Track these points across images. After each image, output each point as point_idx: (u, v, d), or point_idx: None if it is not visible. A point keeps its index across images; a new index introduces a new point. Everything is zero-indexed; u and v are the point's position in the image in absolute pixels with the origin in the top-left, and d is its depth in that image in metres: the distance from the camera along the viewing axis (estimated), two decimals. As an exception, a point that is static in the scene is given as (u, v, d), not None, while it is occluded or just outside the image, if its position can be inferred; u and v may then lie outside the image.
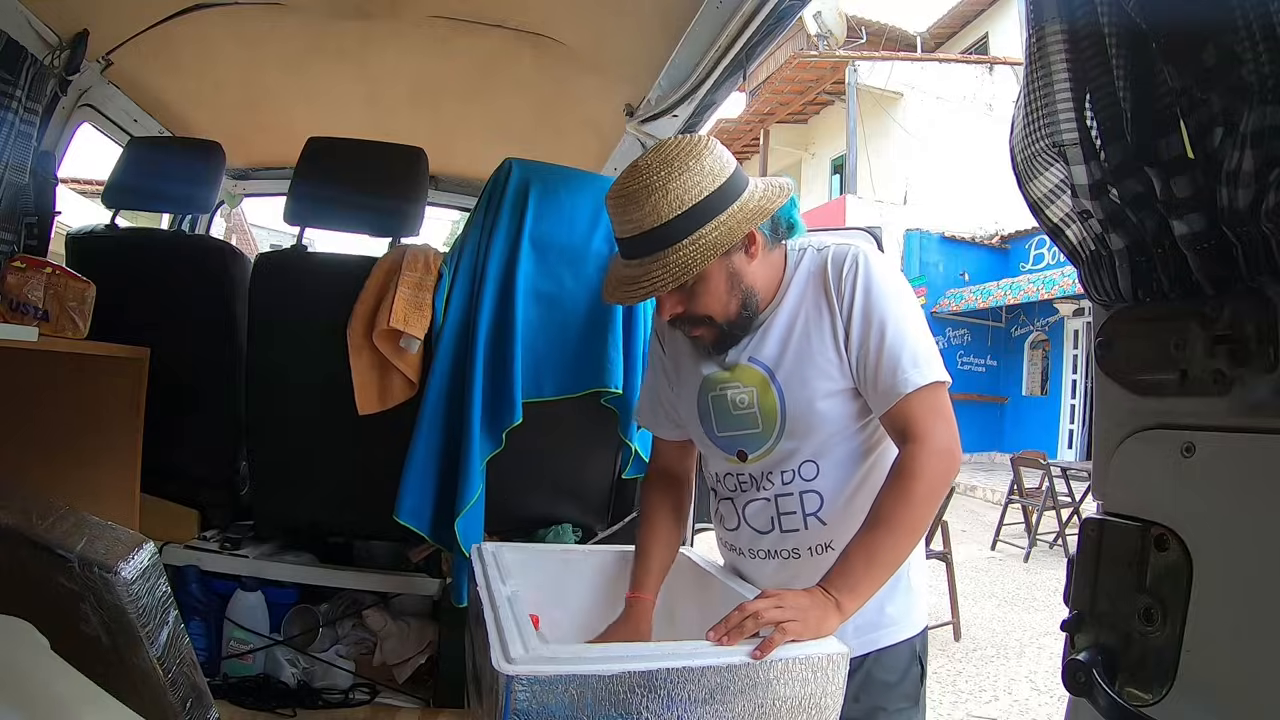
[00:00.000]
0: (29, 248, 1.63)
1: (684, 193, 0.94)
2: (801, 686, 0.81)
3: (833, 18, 11.50)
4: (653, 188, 0.94)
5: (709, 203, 0.95)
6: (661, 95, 1.76)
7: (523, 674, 0.72)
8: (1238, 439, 0.48)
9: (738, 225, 0.96)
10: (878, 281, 0.99)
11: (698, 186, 0.94)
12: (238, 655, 1.73)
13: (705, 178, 0.95)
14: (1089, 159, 0.51)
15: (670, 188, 0.94)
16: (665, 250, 0.95)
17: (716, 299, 1.01)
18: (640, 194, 0.95)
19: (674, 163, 0.95)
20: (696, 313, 1.02)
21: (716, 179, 0.96)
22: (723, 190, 0.96)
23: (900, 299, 0.99)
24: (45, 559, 0.78)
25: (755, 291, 1.03)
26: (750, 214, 0.97)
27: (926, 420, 0.96)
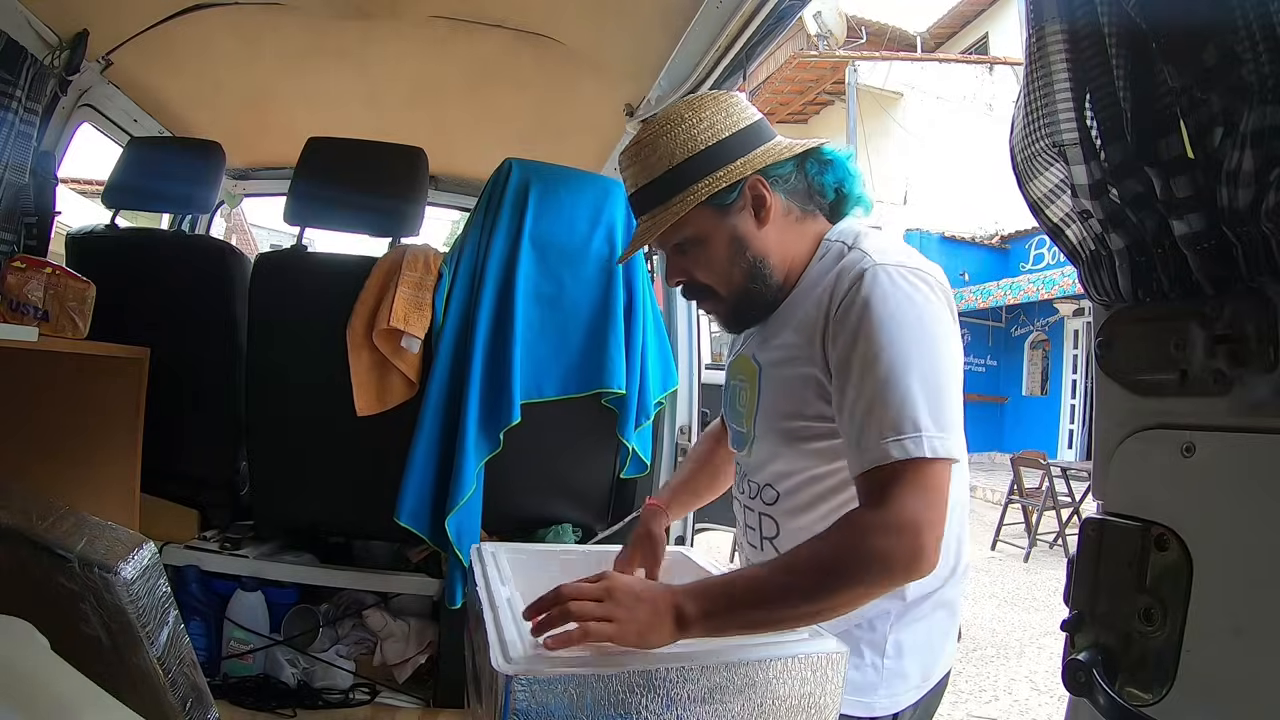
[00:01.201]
0: (29, 248, 1.63)
1: (676, 147, 0.88)
2: (800, 686, 0.81)
3: (833, 18, 11.50)
4: (649, 142, 0.89)
5: (704, 156, 0.87)
6: (661, 95, 1.76)
7: (522, 674, 0.72)
8: (1238, 439, 0.48)
9: (730, 174, 0.87)
10: (882, 317, 0.78)
11: (692, 140, 0.87)
12: (238, 655, 1.73)
13: (703, 131, 0.88)
14: (1089, 159, 0.51)
15: (662, 141, 0.88)
16: (657, 207, 0.89)
17: (716, 264, 0.91)
18: (637, 152, 0.90)
19: (673, 116, 0.89)
20: (697, 280, 0.93)
21: (717, 133, 0.88)
22: (724, 144, 0.88)
23: (908, 342, 0.77)
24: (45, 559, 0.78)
25: (767, 262, 0.90)
26: (746, 166, 0.88)
27: (900, 493, 0.73)
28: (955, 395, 0.78)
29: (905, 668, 0.90)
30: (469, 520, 1.63)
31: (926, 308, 0.80)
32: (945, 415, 0.76)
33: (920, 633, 0.91)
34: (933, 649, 0.93)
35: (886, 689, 0.90)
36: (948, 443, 0.75)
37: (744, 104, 0.92)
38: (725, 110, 0.90)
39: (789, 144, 0.92)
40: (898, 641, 0.90)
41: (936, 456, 0.74)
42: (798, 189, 0.92)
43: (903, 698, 0.90)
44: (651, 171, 0.89)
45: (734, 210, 0.89)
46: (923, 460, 0.74)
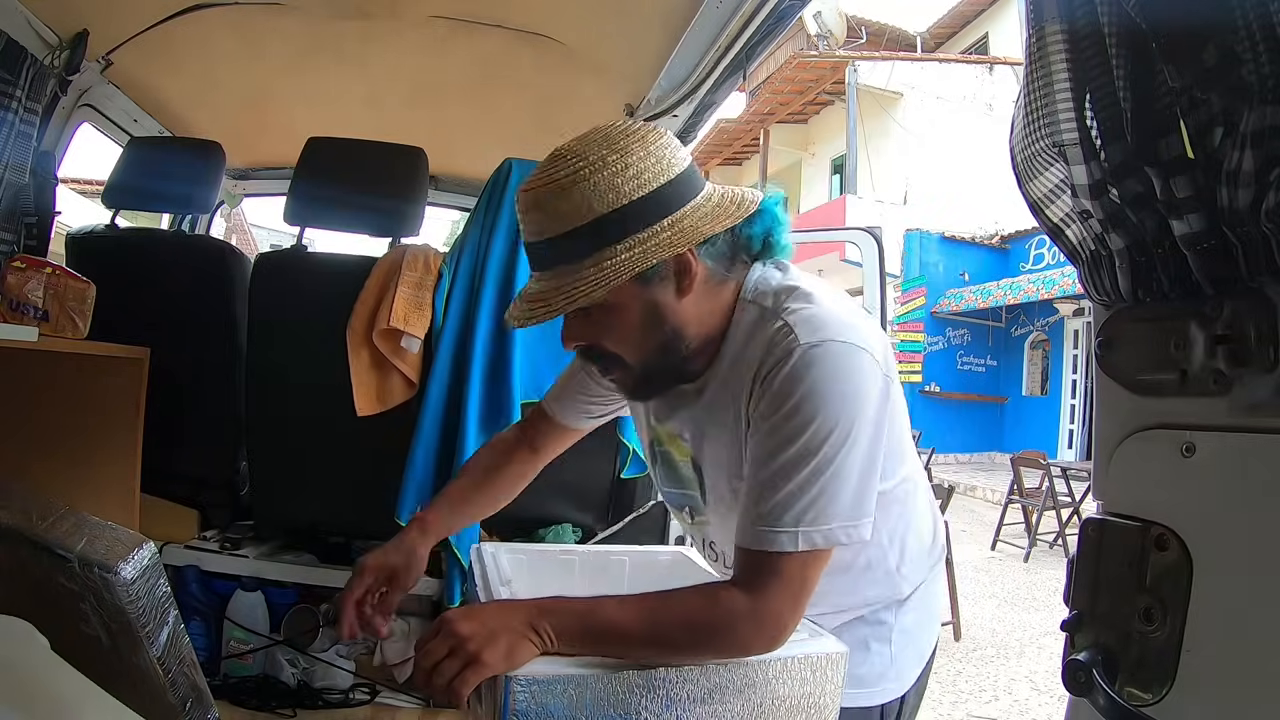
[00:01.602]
0: (29, 248, 1.63)
1: (595, 198, 0.73)
2: (800, 686, 0.81)
3: (833, 18, 11.51)
4: (560, 186, 0.74)
5: (627, 213, 0.74)
6: (661, 95, 1.76)
7: (522, 674, 0.72)
8: (1238, 439, 0.48)
9: (660, 246, 0.75)
10: (802, 404, 0.73)
11: (615, 191, 0.73)
12: (238, 655, 1.73)
13: (628, 181, 0.74)
14: (1089, 159, 0.51)
15: (579, 188, 0.73)
16: (566, 266, 0.76)
17: (627, 336, 0.80)
18: (545, 194, 0.75)
19: (591, 155, 0.74)
20: (603, 348, 0.81)
21: (644, 184, 0.74)
22: (652, 199, 0.75)
23: (824, 431, 0.73)
24: (45, 559, 0.78)
25: (684, 334, 0.81)
26: (681, 234, 0.76)
27: (769, 584, 0.74)
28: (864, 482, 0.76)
29: (908, 652, 0.97)
30: (468, 520, 1.63)
31: (852, 389, 0.75)
32: (841, 506, 0.74)
33: (916, 617, 0.97)
34: (927, 628, 1.01)
35: (895, 673, 0.95)
36: (831, 534, 0.74)
37: (674, 146, 0.79)
38: (655, 155, 0.76)
39: (722, 201, 0.81)
40: (902, 629, 0.95)
41: (814, 549, 0.74)
42: (724, 250, 0.81)
43: (907, 677, 0.97)
44: (561, 223, 0.75)
45: (656, 281, 0.78)
46: (797, 554, 0.73)
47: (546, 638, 0.74)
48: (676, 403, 0.90)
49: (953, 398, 10.86)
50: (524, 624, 0.74)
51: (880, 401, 0.77)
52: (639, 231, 0.75)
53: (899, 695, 0.96)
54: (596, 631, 0.75)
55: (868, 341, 0.77)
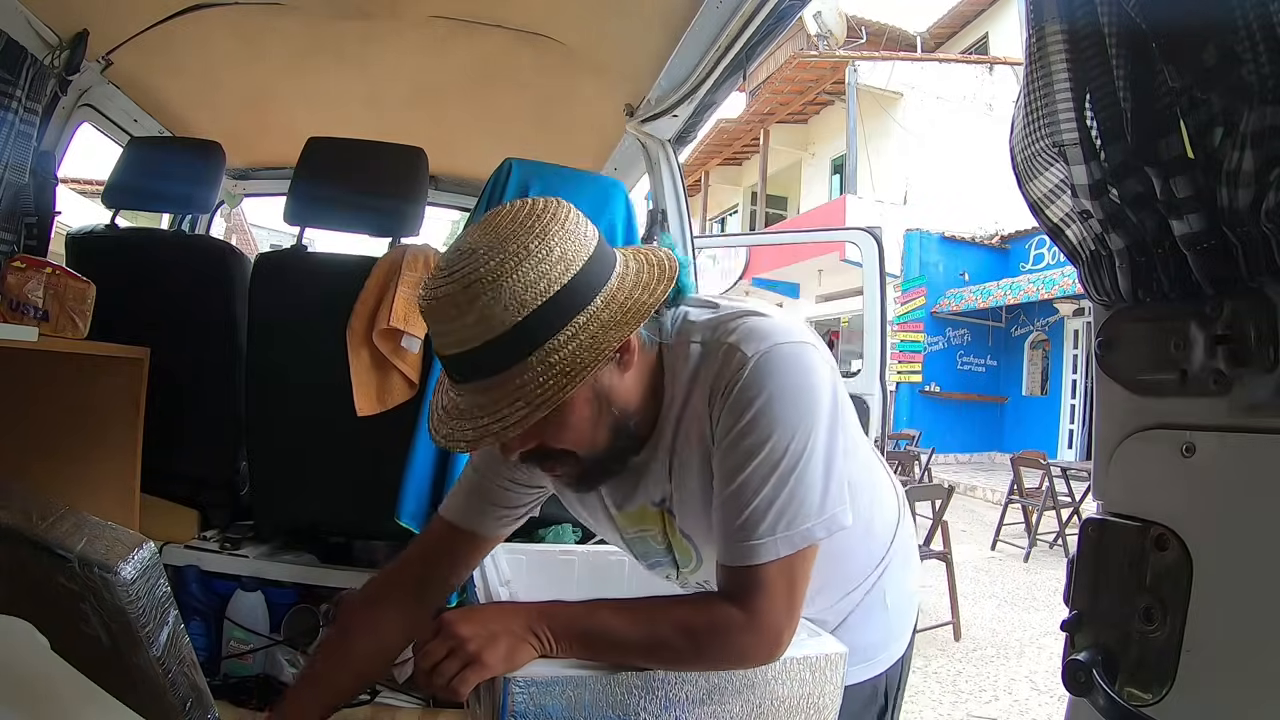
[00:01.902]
0: (29, 248, 1.63)
1: (525, 290, 0.66)
2: (799, 686, 0.81)
3: (833, 18, 11.51)
4: (483, 285, 0.66)
5: (562, 300, 0.68)
6: (661, 95, 1.76)
7: (521, 675, 0.72)
8: (1238, 439, 0.48)
9: (606, 330, 0.70)
10: (764, 409, 0.73)
11: (546, 279, 0.67)
12: (238, 655, 1.73)
13: (554, 265, 0.68)
14: (1089, 159, 0.51)
15: (505, 286, 0.66)
16: (502, 374, 0.68)
17: (578, 431, 0.75)
18: (464, 297, 0.67)
19: (510, 245, 0.67)
20: (554, 448, 0.76)
21: (571, 265, 0.69)
22: (582, 279, 0.69)
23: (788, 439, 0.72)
24: (45, 559, 0.78)
25: (631, 412, 0.78)
26: (625, 313, 0.71)
27: (759, 595, 0.73)
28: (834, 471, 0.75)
29: (901, 618, 1.02)
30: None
31: (804, 385, 0.75)
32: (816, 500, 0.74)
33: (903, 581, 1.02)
34: (911, 595, 1.05)
35: (895, 640, 1.00)
36: (811, 531, 0.74)
37: (578, 217, 0.74)
38: (571, 231, 0.71)
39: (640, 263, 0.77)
40: (896, 595, 0.99)
41: (796, 550, 0.73)
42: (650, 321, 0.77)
43: (901, 643, 1.02)
44: (491, 326, 0.67)
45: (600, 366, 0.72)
46: (779, 560, 0.73)
47: (546, 641, 0.74)
48: (631, 480, 0.86)
49: (953, 398, 10.86)
50: (524, 627, 0.74)
51: (833, 391, 0.77)
52: (578, 317, 0.69)
53: (899, 657, 1.01)
54: (594, 636, 0.75)
55: (807, 336, 0.78)
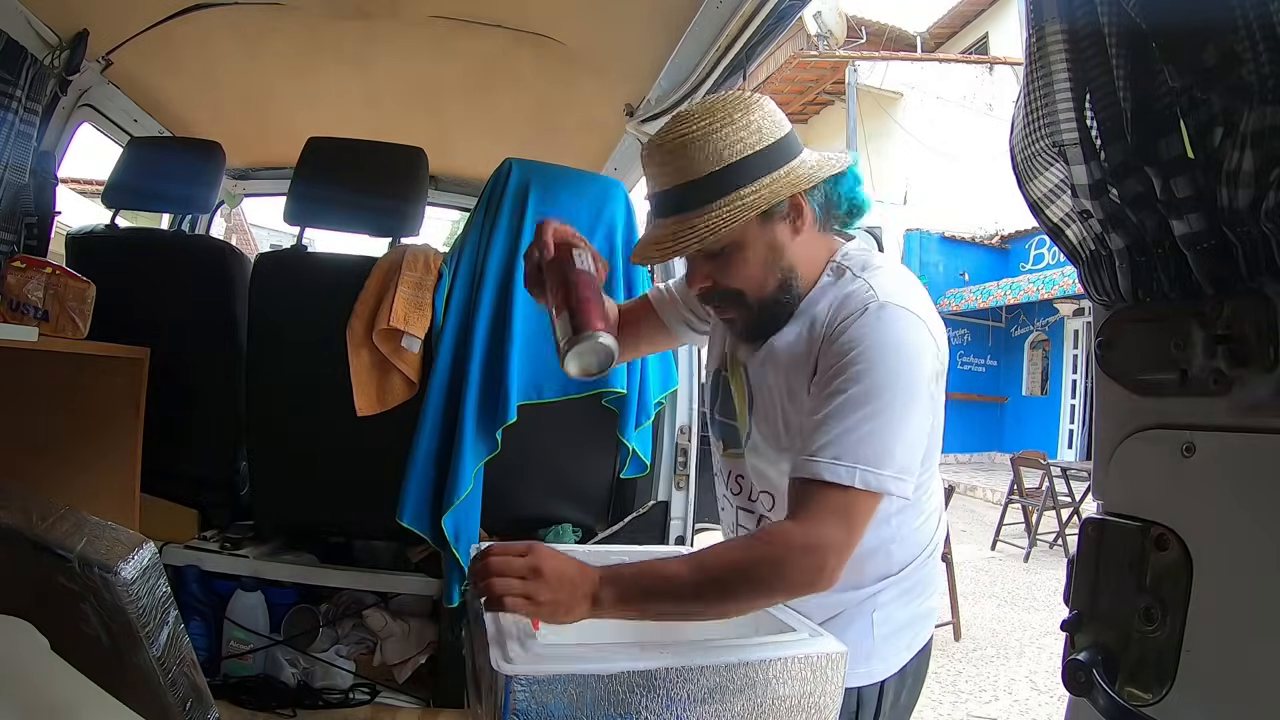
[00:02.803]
0: (29, 248, 1.63)
1: (725, 148, 0.84)
2: (800, 686, 0.81)
3: (833, 18, 11.50)
4: (691, 139, 0.84)
5: (752, 161, 0.85)
6: (661, 95, 1.76)
7: (522, 674, 0.72)
8: (1238, 439, 0.48)
9: (781, 188, 0.85)
10: (870, 352, 0.82)
11: (741, 142, 0.84)
12: (238, 655, 1.73)
13: (751, 134, 0.85)
14: (1089, 159, 0.51)
15: (711, 140, 0.84)
16: (699, 209, 0.85)
17: (752, 272, 0.89)
18: (678, 146, 0.85)
19: (718, 114, 0.85)
20: (728, 285, 0.91)
21: (764, 138, 0.86)
22: (770, 151, 0.86)
23: (884, 383, 0.81)
24: (45, 559, 0.78)
25: (796, 273, 0.91)
26: (798, 179, 0.86)
27: (822, 514, 0.79)
28: (914, 439, 0.83)
29: (893, 638, 0.98)
30: (467, 520, 1.63)
31: (914, 353, 0.83)
32: (894, 456, 0.80)
33: (904, 603, 0.98)
34: (916, 619, 1.01)
35: (878, 656, 0.96)
36: (882, 479, 0.79)
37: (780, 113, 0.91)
38: (769, 116, 0.88)
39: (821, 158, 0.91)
40: (886, 614, 0.96)
41: (867, 489, 0.79)
42: (822, 201, 0.92)
43: (890, 663, 0.98)
44: (694, 170, 0.85)
45: (775, 220, 0.89)
46: (851, 489, 0.79)
47: (605, 604, 0.79)
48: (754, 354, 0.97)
49: (953, 398, 10.82)
50: (587, 594, 0.79)
51: (934, 381, 0.85)
52: (763, 176, 0.85)
53: (878, 680, 0.96)
54: (652, 588, 0.80)
55: (934, 330, 0.86)
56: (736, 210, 0.84)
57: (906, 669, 0.99)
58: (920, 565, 0.99)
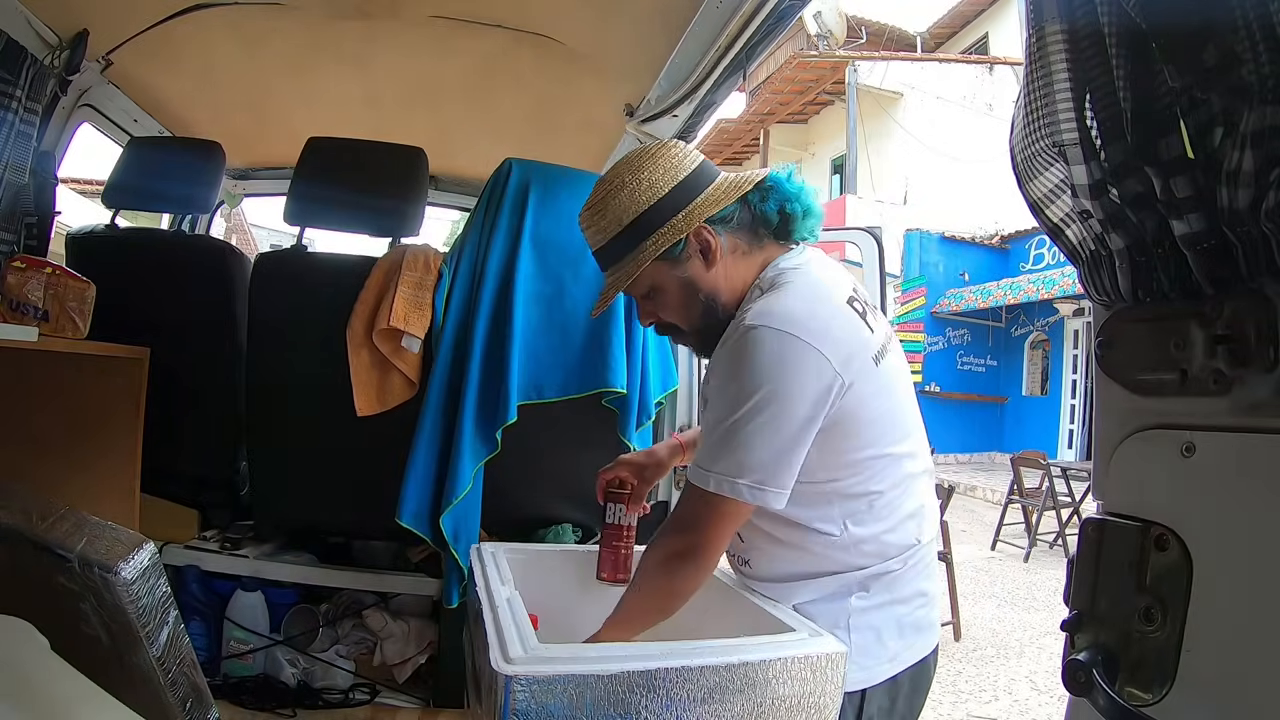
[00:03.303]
0: (29, 248, 1.63)
1: (622, 211, 0.97)
2: (800, 685, 0.81)
3: (833, 18, 11.50)
4: (597, 208, 0.99)
5: (647, 216, 0.96)
6: (661, 95, 1.76)
7: (522, 674, 0.72)
8: (1238, 439, 0.48)
9: (676, 233, 0.96)
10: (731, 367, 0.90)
11: (636, 202, 0.96)
12: (238, 655, 1.73)
13: (644, 191, 0.96)
14: (1089, 159, 0.51)
15: (611, 207, 0.98)
16: (616, 265, 1.00)
17: (675, 305, 1.01)
18: (590, 216, 1.01)
19: (616, 179, 0.98)
20: (665, 319, 1.04)
21: (657, 191, 0.97)
22: (666, 199, 0.96)
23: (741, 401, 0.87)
24: (45, 559, 0.78)
25: (718, 299, 0.99)
26: (694, 218, 0.96)
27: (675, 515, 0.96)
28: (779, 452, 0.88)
29: (873, 645, 0.96)
30: (467, 521, 1.63)
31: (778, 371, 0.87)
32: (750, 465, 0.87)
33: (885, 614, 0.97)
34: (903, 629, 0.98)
35: (857, 664, 0.93)
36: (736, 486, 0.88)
37: (682, 153, 1.00)
38: (663, 166, 0.98)
39: (732, 183, 1.00)
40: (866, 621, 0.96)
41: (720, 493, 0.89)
42: (743, 223, 1.00)
43: (875, 672, 0.96)
44: (605, 234, 0.99)
45: (683, 259, 0.98)
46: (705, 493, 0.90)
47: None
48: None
49: (953, 398, 10.85)
50: None
51: (813, 396, 0.87)
52: (660, 226, 0.97)
53: (859, 688, 0.94)
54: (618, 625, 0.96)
55: (814, 339, 0.87)
56: (640, 261, 0.97)
57: (899, 679, 0.98)
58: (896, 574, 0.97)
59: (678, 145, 1.01)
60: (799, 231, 1.02)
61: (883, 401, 0.94)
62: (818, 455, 0.90)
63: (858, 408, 0.90)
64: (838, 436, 0.90)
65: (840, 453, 0.92)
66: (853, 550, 0.96)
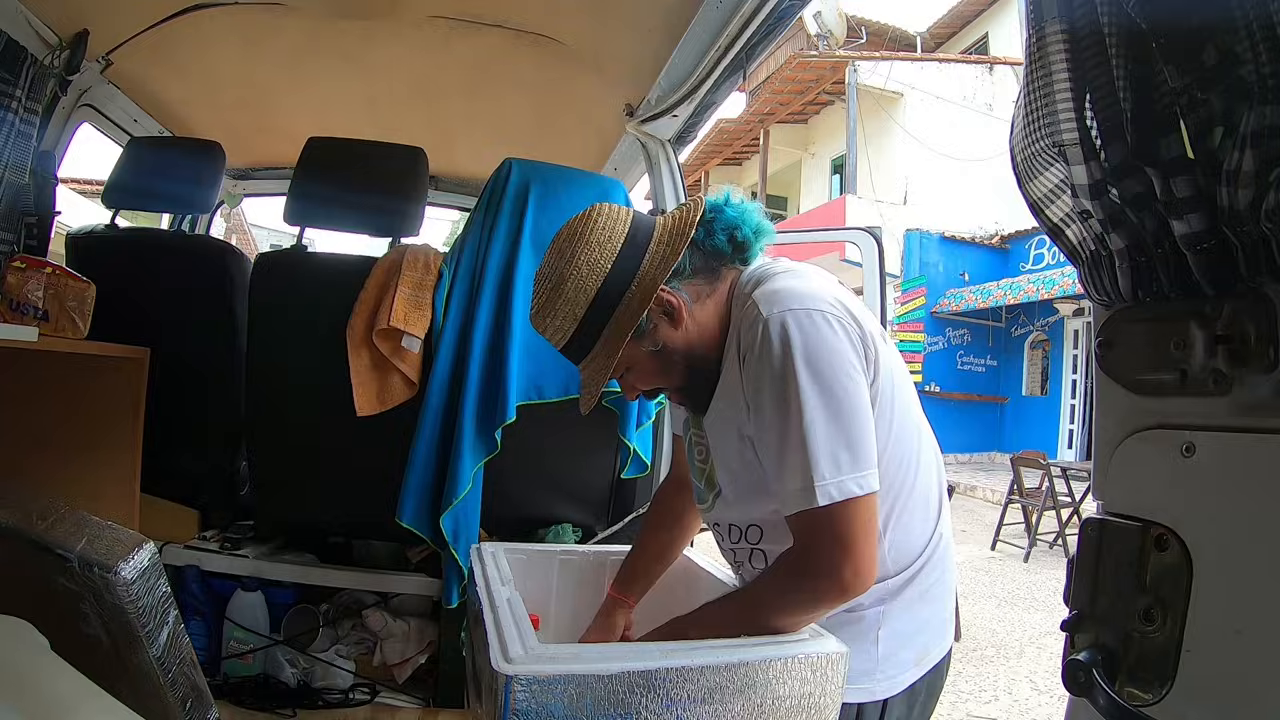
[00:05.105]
0: (29, 248, 1.63)
1: (571, 306, 0.90)
2: (800, 686, 0.81)
3: (833, 18, 11.50)
4: (545, 308, 0.92)
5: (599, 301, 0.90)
6: (661, 95, 1.76)
7: (522, 674, 0.72)
8: (1238, 439, 0.48)
9: (634, 309, 0.89)
10: (776, 367, 0.83)
11: (581, 292, 0.89)
12: (238, 655, 1.73)
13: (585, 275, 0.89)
14: (1089, 159, 0.51)
15: (558, 307, 0.91)
16: (584, 360, 0.95)
17: (656, 374, 0.96)
18: (540, 319, 0.94)
19: (553, 277, 0.91)
20: (648, 389, 1.00)
21: (597, 271, 0.89)
22: (612, 277, 0.89)
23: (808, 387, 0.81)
24: (45, 559, 0.78)
25: (695, 353, 0.94)
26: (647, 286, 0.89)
27: (818, 543, 0.82)
28: (861, 424, 0.82)
29: (899, 653, 0.95)
30: (467, 521, 1.63)
31: (815, 349, 0.82)
32: (856, 449, 0.81)
33: (911, 617, 0.96)
34: (924, 632, 0.98)
35: (881, 674, 0.94)
36: (861, 479, 0.81)
37: (610, 219, 0.93)
38: (596, 242, 0.91)
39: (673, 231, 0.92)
40: (892, 630, 0.95)
41: (847, 498, 0.80)
42: (697, 268, 0.94)
43: (897, 680, 0.96)
44: (564, 333, 0.93)
45: (650, 331, 0.92)
46: (829, 507, 0.81)
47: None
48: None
49: (953, 398, 10.86)
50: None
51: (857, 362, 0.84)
52: (616, 307, 0.90)
53: (882, 697, 0.94)
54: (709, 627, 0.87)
55: (825, 304, 0.85)
56: (611, 352, 0.91)
57: (916, 686, 0.97)
58: (924, 567, 0.96)
59: (600, 212, 0.93)
60: (753, 252, 0.98)
61: (899, 379, 0.92)
62: None
63: (885, 382, 0.88)
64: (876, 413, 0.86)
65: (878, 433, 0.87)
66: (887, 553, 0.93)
